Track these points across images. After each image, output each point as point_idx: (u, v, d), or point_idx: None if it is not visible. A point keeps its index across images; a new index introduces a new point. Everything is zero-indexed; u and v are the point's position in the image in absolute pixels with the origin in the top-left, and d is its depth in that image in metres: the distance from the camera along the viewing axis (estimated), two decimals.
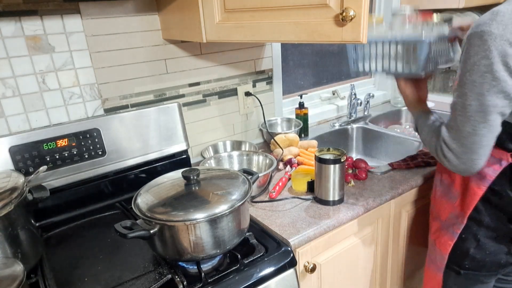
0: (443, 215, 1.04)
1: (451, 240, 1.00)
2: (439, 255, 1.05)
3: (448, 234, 1.01)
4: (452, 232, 1.00)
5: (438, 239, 1.05)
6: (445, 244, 1.02)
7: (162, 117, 1.25)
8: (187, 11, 1.06)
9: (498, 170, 0.89)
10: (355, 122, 1.83)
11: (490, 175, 0.90)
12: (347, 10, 0.71)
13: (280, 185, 1.19)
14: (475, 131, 0.81)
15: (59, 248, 1.01)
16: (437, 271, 1.07)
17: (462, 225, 0.97)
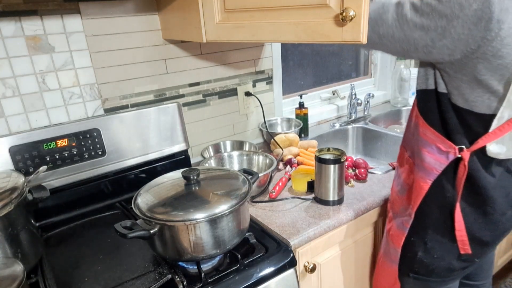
0: (395, 207, 1.02)
1: (402, 234, 0.97)
2: (392, 248, 1.02)
3: (399, 228, 0.98)
4: (402, 226, 0.97)
5: (391, 231, 1.02)
6: (397, 238, 0.99)
7: (162, 117, 1.25)
8: (187, 11, 1.06)
9: (445, 164, 0.86)
10: (355, 122, 1.83)
11: (437, 169, 0.87)
12: (347, 10, 0.71)
13: (280, 185, 1.19)
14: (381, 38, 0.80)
15: (59, 248, 1.01)
16: (391, 263, 1.04)
17: (410, 219, 0.94)
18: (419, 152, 0.90)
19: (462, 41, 0.72)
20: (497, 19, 0.68)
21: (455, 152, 0.83)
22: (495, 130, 0.78)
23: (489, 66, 0.73)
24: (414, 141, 0.92)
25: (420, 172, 0.90)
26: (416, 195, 0.92)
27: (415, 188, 0.92)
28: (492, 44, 0.70)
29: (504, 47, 0.70)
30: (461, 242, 0.89)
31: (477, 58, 0.73)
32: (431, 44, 0.75)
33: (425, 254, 0.94)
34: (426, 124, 0.87)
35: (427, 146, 0.87)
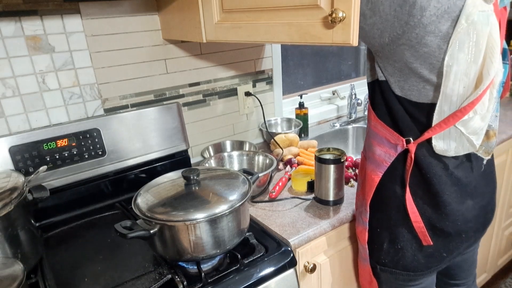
0: (356, 203, 1.02)
1: (364, 229, 0.96)
2: (360, 246, 1.02)
3: (360, 223, 0.98)
4: (362, 222, 0.97)
5: (357, 229, 1.02)
6: (361, 234, 0.98)
7: (162, 117, 1.25)
8: (187, 11, 1.06)
9: (394, 155, 0.86)
10: (355, 122, 1.83)
11: (386, 161, 0.87)
12: (336, 11, 0.70)
13: (280, 185, 1.19)
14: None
15: (59, 248, 1.01)
16: (363, 261, 1.04)
17: (367, 213, 0.94)
18: (370, 145, 0.91)
19: (389, 22, 0.73)
20: (420, 5, 0.69)
21: (402, 144, 0.83)
22: (439, 123, 0.78)
23: (416, 54, 0.74)
24: (368, 135, 0.93)
25: (371, 165, 0.91)
26: (369, 188, 0.92)
27: (367, 181, 0.92)
28: (415, 30, 0.71)
29: (427, 35, 0.71)
30: (421, 234, 0.88)
31: (403, 44, 0.73)
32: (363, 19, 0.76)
33: (390, 245, 0.93)
34: (376, 117, 0.87)
35: (377, 139, 0.88)
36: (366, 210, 0.94)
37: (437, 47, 0.72)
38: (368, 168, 0.92)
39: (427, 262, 0.92)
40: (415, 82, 0.78)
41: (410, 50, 0.74)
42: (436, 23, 0.70)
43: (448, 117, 0.77)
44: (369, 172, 0.91)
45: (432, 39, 0.71)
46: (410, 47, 0.73)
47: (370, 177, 0.91)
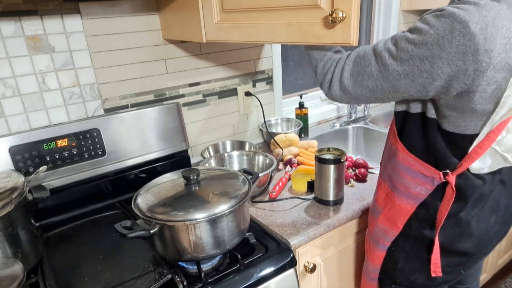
0: (370, 227, 1.00)
1: (381, 252, 0.95)
2: (370, 266, 1.00)
3: (377, 248, 0.96)
4: (382, 246, 0.95)
5: (369, 251, 1.00)
6: (377, 256, 0.97)
7: (162, 117, 1.25)
8: (187, 11, 1.06)
9: (431, 189, 0.83)
10: (355, 122, 1.83)
11: (423, 194, 0.84)
12: (336, 11, 0.70)
13: (280, 185, 1.19)
14: (373, 91, 0.77)
15: (59, 248, 1.01)
16: (370, 280, 1.03)
17: (390, 239, 0.92)
18: (400, 178, 0.87)
19: (454, 79, 0.68)
20: (484, 49, 0.64)
21: (440, 177, 0.81)
22: (475, 148, 0.76)
23: (484, 95, 0.70)
24: (393, 165, 0.89)
25: (404, 198, 0.87)
26: (401, 218, 0.89)
27: (398, 211, 0.89)
28: (486, 74, 0.67)
29: (498, 72, 0.67)
30: (434, 265, 0.87)
31: (472, 92, 0.69)
32: (423, 89, 0.72)
33: (406, 264, 0.92)
34: (405, 149, 0.84)
35: (409, 172, 0.85)
36: (392, 235, 0.91)
37: (504, 80, 0.69)
38: (400, 200, 0.88)
39: (444, 279, 0.91)
40: (475, 119, 0.74)
41: (479, 93, 0.70)
42: (505, 58, 0.66)
43: (482, 141, 0.75)
44: (401, 203, 0.88)
45: (502, 74, 0.68)
46: (481, 91, 0.69)
47: (405, 209, 0.88)
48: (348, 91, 0.81)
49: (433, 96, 0.74)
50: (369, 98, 0.80)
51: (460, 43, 0.65)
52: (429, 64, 0.69)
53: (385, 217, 0.93)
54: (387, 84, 0.75)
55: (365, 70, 0.78)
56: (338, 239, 1.09)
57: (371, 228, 0.99)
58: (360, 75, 0.78)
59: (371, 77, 0.77)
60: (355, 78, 0.79)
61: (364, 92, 0.79)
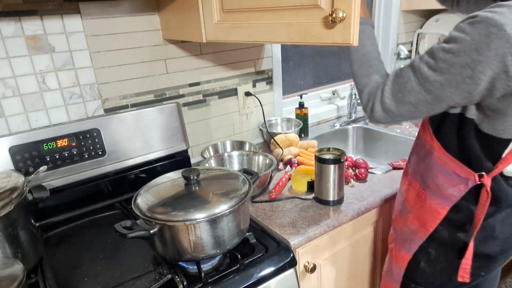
0: (397, 227, 0.99)
1: (407, 255, 0.95)
2: (395, 267, 1.00)
3: (404, 249, 0.96)
4: (408, 247, 0.94)
5: (395, 252, 1.00)
6: (402, 258, 0.96)
7: (162, 117, 1.25)
8: (187, 11, 1.06)
9: (464, 191, 0.83)
10: (355, 122, 1.83)
11: (456, 196, 0.84)
12: (336, 11, 0.70)
13: (280, 185, 1.19)
14: (416, 105, 0.77)
15: (59, 248, 1.01)
16: (393, 282, 1.02)
17: (421, 241, 0.91)
18: (434, 177, 0.87)
19: (497, 80, 0.68)
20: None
21: (474, 179, 0.81)
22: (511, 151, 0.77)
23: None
24: (427, 164, 0.89)
25: (436, 198, 0.87)
26: (432, 219, 0.89)
27: (429, 212, 0.89)
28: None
29: None
30: (463, 270, 0.87)
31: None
32: (468, 95, 0.72)
33: (428, 265, 0.92)
34: (442, 149, 0.84)
35: (443, 172, 0.85)
36: (422, 238, 0.91)
37: None
38: (432, 201, 0.88)
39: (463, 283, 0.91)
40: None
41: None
42: None
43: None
44: (433, 204, 0.88)
45: None
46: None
47: (435, 209, 0.88)
48: (391, 111, 0.82)
49: (479, 100, 0.74)
50: (413, 113, 0.80)
51: (498, 45, 0.65)
52: (471, 70, 0.69)
53: (414, 217, 0.93)
54: (430, 96, 0.75)
55: (405, 87, 0.78)
56: (338, 239, 1.09)
57: (398, 228, 0.99)
58: (401, 92, 0.79)
59: (413, 92, 0.77)
60: (396, 96, 0.80)
61: (407, 108, 0.79)
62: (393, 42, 2.05)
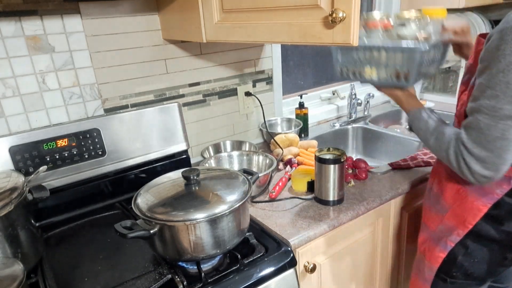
0: (431, 225, 1.00)
1: (442, 252, 0.96)
2: (427, 267, 1.01)
3: (439, 246, 0.97)
4: (444, 245, 0.95)
5: (428, 251, 1.01)
6: (436, 257, 0.97)
7: (162, 117, 1.25)
8: (187, 11, 1.06)
9: (507, 188, 0.84)
10: (355, 122, 1.83)
11: (498, 193, 0.85)
12: (336, 11, 0.70)
13: (280, 185, 1.19)
14: (504, 136, 0.75)
15: (59, 248, 1.01)
16: (424, 282, 1.03)
17: (458, 238, 0.92)
18: None
19: None
20: None
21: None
22: None
23: None
24: None
25: (478, 196, 0.88)
26: (472, 217, 0.89)
27: (469, 209, 0.90)
28: None
29: None
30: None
31: None
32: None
33: (465, 258, 0.93)
34: None
35: None
36: (459, 235, 0.92)
37: None
38: (471, 196, 0.89)
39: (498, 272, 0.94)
40: None
41: None
42: None
43: None
44: (473, 201, 0.89)
45: None
46: None
47: (476, 207, 0.89)
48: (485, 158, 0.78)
49: None
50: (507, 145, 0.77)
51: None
52: None
53: (452, 214, 0.93)
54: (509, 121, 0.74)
55: (479, 128, 0.77)
56: (338, 239, 1.09)
57: (432, 227, 0.99)
58: (479, 136, 0.77)
59: (491, 128, 0.76)
60: (480, 143, 0.78)
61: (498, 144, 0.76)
62: None
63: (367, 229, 1.17)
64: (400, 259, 1.35)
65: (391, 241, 1.27)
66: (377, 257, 1.25)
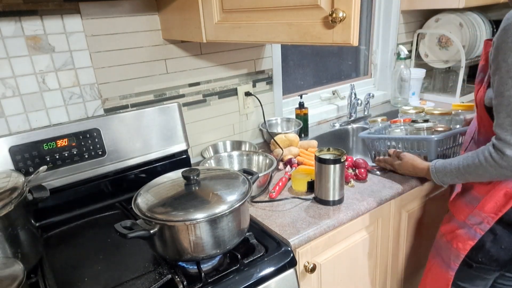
0: (460, 216, 1.03)
1: (472, 240, 0.99)
2: (454, 254, 1.03)
3: (468, 234, 1.00)
4: (474, 233, 0.99)
5: (455, 239, 1.03)
6: (465, 244, 1.00)
7: (162, 117, 1.25)
8: (187, 11, 1.06)
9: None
10: (355, 122, 1.83)
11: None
12: (337, 11, 0.70)
13: (280, 185, 1.19)
14: None
15: (59, 248, 1.01)
16: (447, 269, 1.06)
17: (488, 226, 0.96)
18: None
19: None
20: None
21: None
22: None
23: None
24: None
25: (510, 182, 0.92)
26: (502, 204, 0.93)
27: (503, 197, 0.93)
28: None
29: None
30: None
31: None
32: None
33: (493, 244, 0.96)
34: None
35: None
36: (489, 223, 0.96)
37: None
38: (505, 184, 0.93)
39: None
40: None
41: None
42: None
43: None
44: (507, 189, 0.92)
45: None
46: None
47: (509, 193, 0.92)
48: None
49: None
50: None
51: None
52: None
53: (484, 204, 0.97)
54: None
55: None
56: (338, 239, 1.09)
57: (461, 217, 1.03)
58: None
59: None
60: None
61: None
62: (393, 42, 2.05)
63: (367, 229, 1.17)
64: (400, 259, 1.36)
65: (391, 241, 1.27)
66: (377, 257, 1.25)
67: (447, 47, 2.02)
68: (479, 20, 1.92)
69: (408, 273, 1.42)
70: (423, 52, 2.13)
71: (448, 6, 1.80)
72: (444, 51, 2.04)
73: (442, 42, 2.03)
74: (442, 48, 2.04)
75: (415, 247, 1.38)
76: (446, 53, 2.03)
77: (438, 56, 2.07)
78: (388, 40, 2.04)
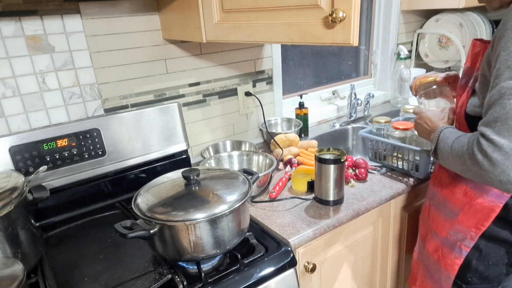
0: (442, 232, 0.98)
1: (458, 259, 0.94)
2: (444, 275, 0.98)
3: (454, 253, 0.95)
4: (459, 251, 0.94)
5: (443, 259, 0.98)
6: (452, 264, 0.95)
7: (162, 117, 1.25)
8: (187, 11, 1.06)
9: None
10: (355, 122, 1.83)
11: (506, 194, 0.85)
12: (337, 11, 0.70)
13: (280, 185, 1.19)
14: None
15: (59, 248, 1.01)
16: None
17: (472, 242, 0.91)
18: None
19: None
20: None
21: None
22: None
23: None
24: None
25: (488, 196, 0.87)
26: (485, 217, 0.88)
27: (481, 210, 0.89)
28: None
29: None
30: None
31: None
32: None
33: (478, 262, 0.92)
34: None
35: None
36: (473, 239, 0.91)
37: None
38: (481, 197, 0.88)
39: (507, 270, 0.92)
40: None
41: None
42: None
43: None
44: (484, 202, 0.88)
45: None
46: None
47: (488, 208, 0.88)
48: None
49: None
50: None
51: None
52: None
53: (464, 217, 0.92)
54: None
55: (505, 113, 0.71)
56: (338, 239, 1.09)
57: (443, 233, 0.97)
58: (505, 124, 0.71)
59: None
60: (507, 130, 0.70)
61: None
62: (393, 42, 2.05)
63: (367, 229, 1.17)
64: (400, 259, 1.35)
65: (391, 241, 1.27)
66: (377, 257, 1.25)
67: (447, 47, 2.02)
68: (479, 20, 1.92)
69: (408, 273, 1.42)
70: (423, 52, 2.13)
71: (448, 6, 1.80)
72: (444, 51, 2.04)
73: (442, 42, 2.03)
74: (442, 48, 2.04)
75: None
76: (446, 53, 2.03)
77: (438, 56, 2.07)
78: (388, 40, 2.04)
